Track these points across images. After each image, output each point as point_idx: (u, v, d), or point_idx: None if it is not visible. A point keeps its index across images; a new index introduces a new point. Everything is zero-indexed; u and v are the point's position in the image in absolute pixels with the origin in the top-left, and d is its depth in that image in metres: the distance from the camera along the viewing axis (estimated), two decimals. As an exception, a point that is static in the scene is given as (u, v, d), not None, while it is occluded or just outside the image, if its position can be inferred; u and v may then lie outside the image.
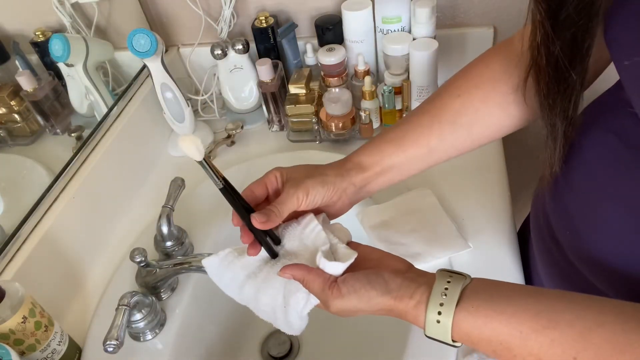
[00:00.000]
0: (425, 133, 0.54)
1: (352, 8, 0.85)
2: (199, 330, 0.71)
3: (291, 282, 0.47)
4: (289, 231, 0.52)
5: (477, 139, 0.55)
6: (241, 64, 0.93)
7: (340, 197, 0.53)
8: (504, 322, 0.38)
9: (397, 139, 0.54)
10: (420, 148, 0.54)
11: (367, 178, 0.54)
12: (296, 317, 0.48)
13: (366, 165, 0.54)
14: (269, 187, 0.52)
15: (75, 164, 0.76)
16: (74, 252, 0.72)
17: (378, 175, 0.54)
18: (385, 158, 0.54)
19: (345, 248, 0.48)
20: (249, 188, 0.52)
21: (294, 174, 0.52)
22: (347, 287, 0.43)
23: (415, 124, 0.55)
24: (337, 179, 0.52)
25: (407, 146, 0.54)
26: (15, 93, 0.77)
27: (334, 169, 0.53)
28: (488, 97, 0.53)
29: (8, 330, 0.54)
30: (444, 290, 0.40)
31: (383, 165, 0.54)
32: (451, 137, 0.54)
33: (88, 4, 0.86)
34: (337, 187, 0.52)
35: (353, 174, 0.53)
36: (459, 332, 0.39)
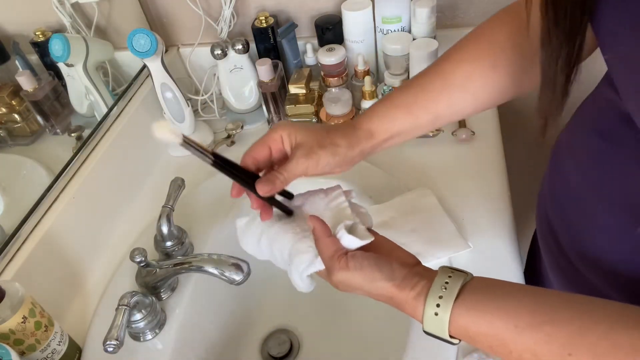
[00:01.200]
0: (434, 98, 0.53)
1: (352, 8, 0.85)
2: (199, 330, 0.71)
3: (301, 241, 0.48)
4: (314, 198, 0.52)
5: (481, 105, 0.55)
6: (241, 64, 0.93)
7: (348, 164, 0.53)
8: (501, 317, 0.38)
9: (407, 104, 0.53)
10: (429, 114, 0.54)
11: (376, 145, 0.54)
12: (297, 277, 0.49)
13: (376, 132, 0.53)
14: (272, 148, 0.51)
15: (75, 164, 0.76)
16: (74, 252, 0.72)
17: (386, 141, 0.54)
18: (396, 125, 0.53)
19: (364, 230, 0.48)
20: (250, 153, 0.50)
21: (303, 138, 0.50)
22: (355, 262, 0.44)
23: (425, 88, 0.54)
24: (348, 150, 0.51)
25: (417, 112, 0.53)
26: (15, 93, 0.77)
27: (346, 137, 0.52)
28: (498, 64, 0.52)
29: (8, 330, 0.54)
30: (444, 284, 0.40)
31: (392, 132, 0.53)
32: (459, 103, 0.54)
33: (88, 4, 0.86)
34: (347, 157, 0.51)
35: (363, 142, 0.52)
36: (457, 326, 0.40)
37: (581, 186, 0.49)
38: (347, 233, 0.45)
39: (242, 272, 0.59)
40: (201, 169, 0.89)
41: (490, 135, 0.83)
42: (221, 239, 0.76)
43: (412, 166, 0.81)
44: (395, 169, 0.80)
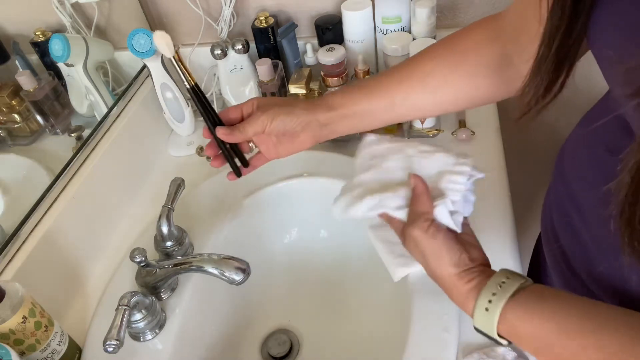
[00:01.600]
0: (393, 87, 0.56)
1: (352, 8, 0.85)
2: (199, 330, 0.71)
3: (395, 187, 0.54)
4: (440, 161, 0.55)
5: (440, 104, 0.57)
6: (241, 64, 0.93)
7: (303, 129, 0.57)
8: (551, 320, 0.38)
9: (367, 87, 0.58)
10: (385, 100, 0.57)
11: (331, 118, 0.57)
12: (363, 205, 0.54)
13: (333, 105, 0.57)
14: (244, 112, 0.58)
15: (75, 164, 0.76)
16: (74, 252, 0.72)
17: (342, 118, 0.58)
18: (352, 103, 0.57)
19: (460, 220, 0.51)
20: (225, 111, 0.58)
21: (266, 102, 0.58)
22: (435, 230, 0.47)
23: (388, 78, 0.57)
24: (302, 112, 0.56)
25: (374, 96, 0.57)
26: (15, 93, 0.77)
27: (304, 103, 0.58)
28: (459, 65, 0.54)
29: (8, 330, 0.54)
30: (501, 283, 0.42)
31: (348, 110, 0.57)
32: (415, 97, 0.56)
33: (88, 4, 0.86)
34: (302, 120, 0.56)
35: (319, 111, 0.57)
36: (505, 323, 0.40)
37: (586, 198, 0.49)
38: (446, 207, 0.49)
39: (242, 272, 0.59)
40: (201, 169, 0.89)
41: (490, 136, 0.83)
42: (221, 239, 0.76)
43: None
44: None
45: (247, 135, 0.56)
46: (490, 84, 0.54)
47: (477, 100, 0.56)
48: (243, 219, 0.80)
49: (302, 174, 0.82)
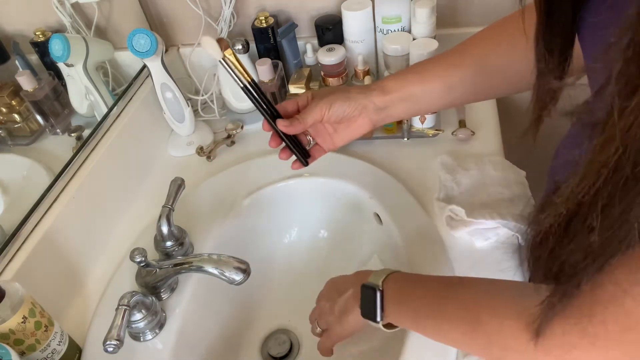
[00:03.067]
0: (449, 71, 0.57)
1: (352, 8, 0.85)
2: (199, 330, 0.71)
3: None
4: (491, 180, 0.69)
5: (496, 88, 0.58)
6: (241, 64, 0.93)
7: (361, 112, 0.58)
8: (428, 279, 0.51)
9: (423, 71, 0.58)
10: (441, 83, 0.57)
11: (387, 101, 0.58)
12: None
13: (389, 89, 0.58)
14: (300, 104, 0.59)
15: (75, 164, 0.76)
16: (74, 252, 0.72)
17: (398, 101, 0.58)
18: (407, 86, 0.58)
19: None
20: (282, 105, 0.59)
21: (322, 92, 0.59)
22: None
23: (444, 62, 0.58)
24: (359, 95, 0.57)
25: (430, 79, 0.58)
26: (15, 93, 0.77)
27: (358, 88, 0.59)
28: (515, 47, 0.53)
29: (8, 330, 0.54)
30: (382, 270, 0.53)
31: (404, 93, 0.58)
32: (472, 80, 0.57)
33: (88, 4, 0.86)
34: (359, 103, 0.57)
35: (375, 94, 0.58)
36: (390, 286, 0.50)
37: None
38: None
39: (242, 272, 0.59)
40: (201, 169, 0.89)
41: (490, 136, 0.83)
42: (221, 239, 0.76)
43: (412, 166, 0.81)
44: (395, 168, 0.80)
45: (306, 124, 0.57)
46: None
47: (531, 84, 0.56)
48: (243, 219, 0.80)
49: (302, 174, 0.82)
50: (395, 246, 0.71)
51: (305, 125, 0.57)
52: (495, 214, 0.66)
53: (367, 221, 0.79)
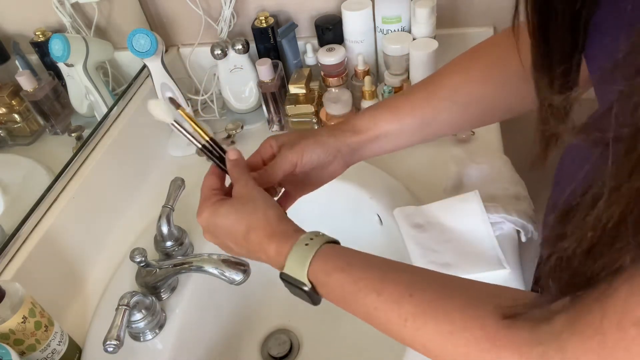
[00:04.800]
0: (421, 105, 0.54)
1: (352, 8, 0.85)
2: (199, 330, 0.71)
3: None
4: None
5: (471, 118, 0.56)
6: (241, 64, 0.93)
7: (335, 156, 0.54)
8: (359, 258, 0.43)
9: (395, 107, 0.55)
10: (415, 119, 0.54)
11: (361, 142, 0.55)
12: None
13: (361, 129, 0.54)
14: (263, 156, 0.54)
15: (75, 164, 0.76)
16: (74, 252, 0.72)
17: (372, 140, 0.55)
18: (380, 124, 0.54)
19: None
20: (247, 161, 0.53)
21: (289, 138, 0.54)
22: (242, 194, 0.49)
23: (414, 96, 0.55)
24: (330, 139, 0.53)
25: (403, 115, 0.54)
26: (15, 93, 0.77)
27: (328, 130, 0.55)
28: (488, 77, 0.52)
29: (8, 330, 0.54)
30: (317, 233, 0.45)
31: (377, 132, 0.55)
32: (446, 114, 0.54)
33: (88, 4, 0.86)
34: (332, 147, 0.53)
35: (348, 136, 0.54)
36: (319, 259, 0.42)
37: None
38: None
39: (242, 272, 0.59)
40: (201, 169, 0.89)
41: (490, 136, 0.83)
42: (221, 239, 0.76)
43: (412, 166, 0.81)
44: (395, 169, 0.80)
45: (277, 177, 0.51)
46: (520, 94, 0.50)
47: (514, 112, 0.55)
48: (243, 219, 0.79)
49: (302, 174, 0.82)
50: (395, 247, 0.71)
51: (275, 179, 0.51)
52: (500, 209, 0.66)
53: (367, 221, 0.79)
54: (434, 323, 0.37)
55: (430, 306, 0.37)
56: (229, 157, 0.52)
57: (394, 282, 0.40)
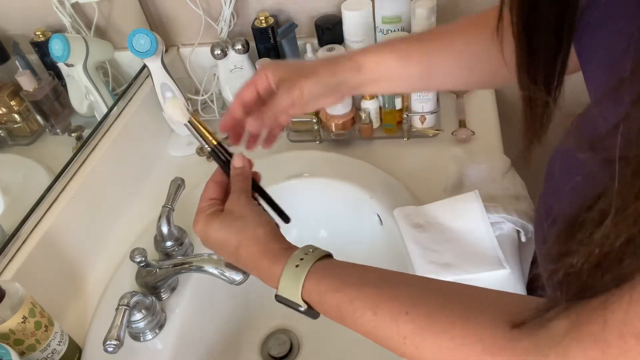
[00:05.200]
0: (430, 55, 0.53)
1: (352, 8, 0.85)
2: (199, 330, 0.71)
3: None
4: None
5: (476, 79, 0.55)
6: (241, 64, 0.93)
7: (333, 92, 0.54)
8: (353, 275, 0.42)
9: (402, 52, 0.54)
10: (421, 67, 0.54)
11: (362, 80, 0.54)
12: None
13: (364, 67, 0.54)
14: (259, 88, 0.53)
15: (75, 164, 0.76)
16: (74, 252, 0.72)
17: (374, 81, 0.55)
18: (385, 67, 0.54)
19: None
20: (238, 97, 0.53)
21: (287, 73, 0.52)
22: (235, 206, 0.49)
23: (424, 44, 0.54)
24: (331, 79, 0.53)
25: (409, 62, 0.54)
26: (15, 93, 0.77)
27: (329, 66, 0.54)
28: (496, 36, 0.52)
29: (8, 330, 0.54)
30: (308, 250, 0.44)
31: (380, 74, 0.54)
32: (452, 68, 0.54)
33: (88, 4, 0.86)
34: (330, 85, 0.53)
35: (348, 73, 0.53)
36: (312, 280, 0.42)
37: (571, 204, 0.49)
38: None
39: (242, 272, 0.59)
40: (201, 169, 0.89)
41: (490, 135, 0.83)
42: (221, 239, 0.76)
43: (412, 166, 0.81)
44: (395, 168, 0.80)
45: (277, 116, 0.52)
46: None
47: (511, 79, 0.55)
48: (243, 219, 0.79)
49: (302, 174, 0.82)
50: (395, 247, 0.71)
51: (275, 119, 0.52)
52: (500, 209, 0.66)
53: (367, 221, 0.79)
54: (433, 339, 0.36)
55: (427, 322, 0.37)
56: (234, 164, 0.51)
57: (390, 300, 0.39)
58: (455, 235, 0.66)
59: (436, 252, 0.64)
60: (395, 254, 0.71)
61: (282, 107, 0.52)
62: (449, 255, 0.64)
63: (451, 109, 0.89)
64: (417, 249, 0.65)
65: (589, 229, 0.26)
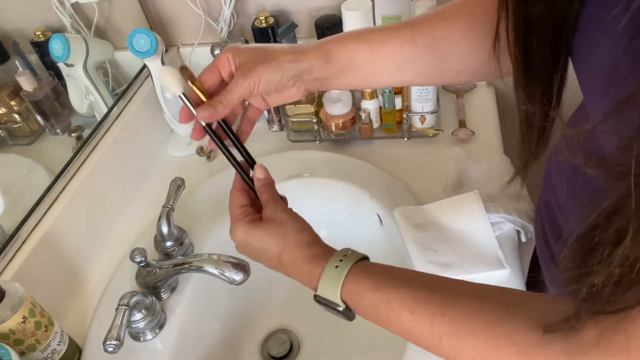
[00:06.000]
0: (399, 47, 0.51)
1: (352, 8, 0.85)
2: (199, 330, 0.71)
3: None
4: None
5: (446, 73, 0.53)
6: (241, 64, 0.93)
7: (295, 83, 0.50)
8: (390, 277, 0.42)
9: (371, 41, 0.51)
10: (391, 61, 0.51)
11: (329, 71, 0.51)
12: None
13: (331, 57, 0.50)
14: (222, 72, 0.50)
15: (75, 164, 0.76)
16: (74, 252, 0.72)
17: (342, 73, 0.51)
18: (356, 58, 0.50)
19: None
20: (200, 77, 0.50)
21: (247, 57, 0.49)
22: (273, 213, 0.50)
23: (394, 35, 0.51)
24: (293, 65, 0.49)
25: (379, 54, 0.51)
26: (15, 93, 0.77)
27: (291, 53, 0.49)
28: (470, 35, 0.49)
29: (8, 330, 0.54)
30: (347, 252, 0.45)
31: (350, 63, 0.51)
32: (423, 63, 0.51)
33: (88, 4, 0.86)
34: (292, 73, 0.49)
35: (314, 62, 0.50)
36: (351, 280, 0.42)
37: (567, 203, 0.49)
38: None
39: (242, 272, 0.59)
40: (201, 169, 0.89)
41: (490, 136, 0.83)
42: (221, 239, 0.76)
43: (411, 166, 0.81)
44: (395, 168, 0.80)
45: (231, 105, 0.48)
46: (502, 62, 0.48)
47: (486, 76, 0.54)
48: (243, 219, 0.79)
49: (302, 174, 0.82)
50: (395, 247, 0.71)
51: (230, 108, 0.48)
52: (500, 209, 0.66)
53: (367, 221, 0.79)
54: (468, 341, 0.37)
55: (463, 325, 0.37)
56: (257, 176, 0.51)
57: (426, 301, 0.39)
58: (456, 235, 0.66)
59: (436, 252, 0.64)
60: (395, 254, 0.71)
61: (238, 95, 0.48)
62: (449, 255, 0.64)
63: (451, 109, 0.89)
64: (417, 249, 0.65)
65: (607, 249, 0.26)
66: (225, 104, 0.47)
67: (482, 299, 0.38)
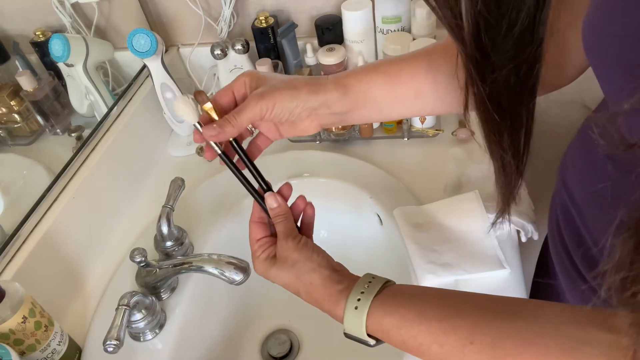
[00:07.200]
0: (420, 76, 0.50)
1: (352, 8, 0.85)
2: (199, 330, 0.71)
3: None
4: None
5: (458, 103, 0.53)
6: (241, 64, 0.93)
7: (309, 115, 0.49)
8: (413, 310, 0.41)
9: (390, 73, 0.50)
10: (411, 90, 0.50)
11: (346, 105, 0.49)
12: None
13: (350, 89, 0.49)
14: (236, 94, 0.49)
15: (75, 164, 0.76)
16: (74, 252, 0.72)
17: (361, 105, 0.50)
18: (373, 89, 0.50)
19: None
20: (213, 99, 0.48)
21: (262, 82, 0.48)
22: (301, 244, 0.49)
23: (412, 65, 0.50)
24: (309, 96, 0.48)
25: (399, 84, 0.50)
26: (15, 93, 0.77)
27: (309, 84, 0.48)
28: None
29: (8, 330, 0.54)
30: (367, 283, 0.44)
31: (368, 96, 0.50)
32: (443, 90, 0.50)
33: (88, 4, 0.86)
34: (308, 106, 0.48)
35: (331, 95, 0.48)
36: (373, 319, 0.42)
37: (583, 201, 0.49)
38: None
39: (242, 272, 0.59)
40: (201, 169, 0.89)
41: (490, 135, 0.83)
42: (221, 239, 0.76)
43: (412, 166, 0.81)
44: (395, 168, 0.80)
45: (241, 126, 0.46)
46: None
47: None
48: (243, 219, 0.79)
49: (302, 174, 0.82)
50: (395, 247, 0.71)
51: (239, 129, 0.46)
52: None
53: (367, 221, 0.79)
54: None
55: (493, 352, 0.36)
56: (269, 205, 0.50)
57: (453, 331, 0.38)
58: (456, 235, 0.66)
59: (436, 252, 0.64)
60: (395, 254, 0.71)
61: (249, 116, 0.46)
62: (449, 255, 0.64)
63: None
64: (417, 249, 0.65)
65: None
66: (234, 124, 0.46)
67: (510, 319, 0.37)
